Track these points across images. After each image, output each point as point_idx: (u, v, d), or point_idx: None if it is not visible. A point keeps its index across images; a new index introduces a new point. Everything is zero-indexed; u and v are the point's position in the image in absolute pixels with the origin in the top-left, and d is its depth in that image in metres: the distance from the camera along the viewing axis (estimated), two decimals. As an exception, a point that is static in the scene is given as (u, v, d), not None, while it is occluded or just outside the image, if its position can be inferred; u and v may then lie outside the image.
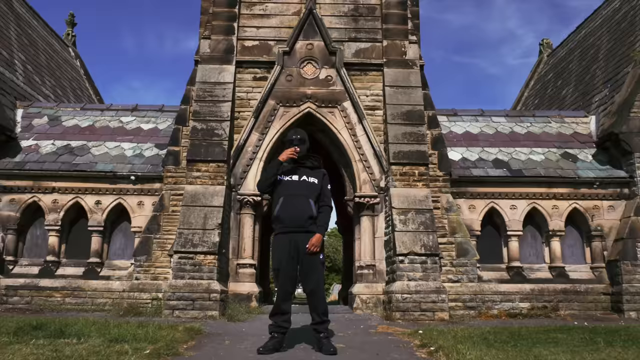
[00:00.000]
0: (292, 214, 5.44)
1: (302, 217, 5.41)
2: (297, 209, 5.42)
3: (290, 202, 5.46)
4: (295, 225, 5.40)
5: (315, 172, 5.66)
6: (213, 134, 10.02)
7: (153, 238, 10.16)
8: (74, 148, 11.63)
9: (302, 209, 5.42)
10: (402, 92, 10.31)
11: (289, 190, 5.53)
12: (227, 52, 10.73)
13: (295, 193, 5.48)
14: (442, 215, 9.89)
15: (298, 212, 5.42)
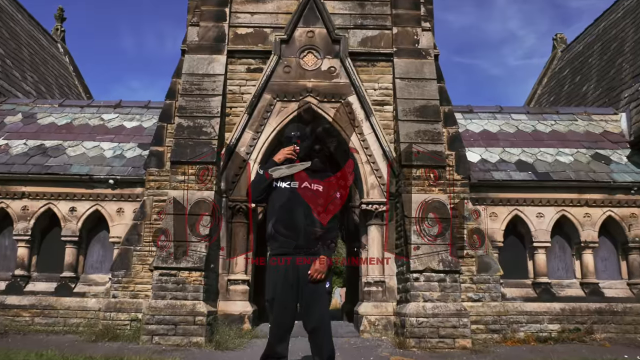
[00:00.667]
0: (291, 231, 4.29)
1: (303, 235, 4.26)
2: (297, 224, 4.29)
3: (289, 216, 4.34)
4: (295, 245, 4.25)
5: (321, 176, 4.55)
6: (201, 132, 8.83)
7: (133, 250, 8.96)
8: (48, 148, 10.45)
9: (304, 225, 4.28)
10: (415, 85, 9.12)
11: (286, 200, 4.41)
12: (217, 40, 9.55)
13: (295, 204, 4.37)
14: (460, 224, 8.70)
15: (298, 229, 4.27)
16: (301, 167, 4.56)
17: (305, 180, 4.47)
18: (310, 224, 4.31)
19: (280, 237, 4.34)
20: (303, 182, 4.46)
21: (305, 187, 4.43)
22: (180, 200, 8.46)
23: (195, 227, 8.19)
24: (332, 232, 4.43)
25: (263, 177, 4.52)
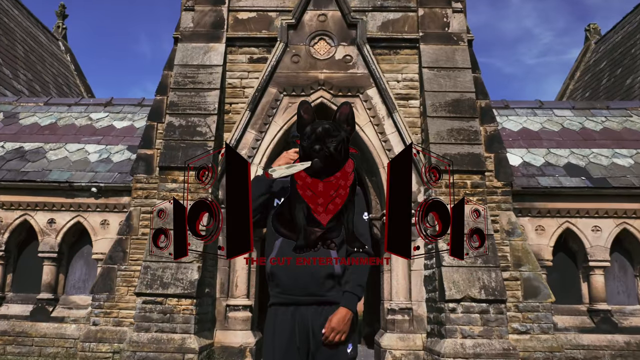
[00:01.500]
0: (298, 271, 2.97)
1: (314, 277, 2.94)
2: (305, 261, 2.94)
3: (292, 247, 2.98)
4: (304, 291, 2.94)
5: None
6: (195, 133, 7.53)
7: (117, 270, 7.69)
8: (27, 152, 9.21)
9: (316, 262, 2.93)
10: (446, 75, 7.73)
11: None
12: (215, 26, 8.24)
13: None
14: (502, 240, 7.30)
15: (308, 268, 2.94)
16: (301, 167, 3.29)
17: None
18: (325, 260, 2.99)
19: (283, 279, 3.02)
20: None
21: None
22: (169, 212, 7.15)
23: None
24: (360, 270, 3.11)
25: (263, 177, 3.20)
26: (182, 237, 3.24)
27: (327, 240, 2.81)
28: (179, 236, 3.23)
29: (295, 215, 2.82)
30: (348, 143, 2.61)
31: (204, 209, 3.35)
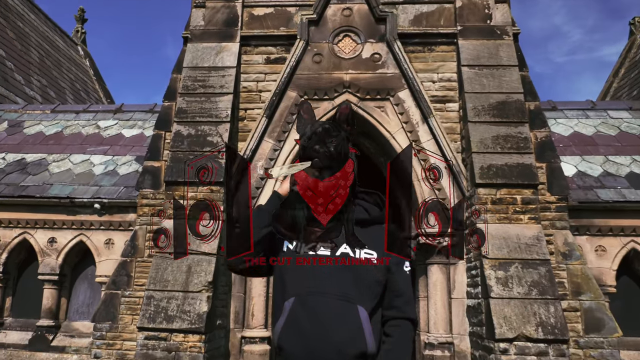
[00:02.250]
0: (315, 347, 2.20)
1: (341, 356, 2.19)
2: (328, 332, 2.22)
3: (311, 314, 2.26)
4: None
5: (373, 230, 2.49)
6: (205, 143, 6.70)
7: (120, 296, 6.90)
8: (29, 164, 8.50)
9: (340, 334, 2.22)
10: (489, 74, 6.77)
11: (305, 281, 2.34)
12: (228, 24, 7.41)
13: (322, 289, 2.30)
14: (557, 264, 6.31)
15: (330, 343, 2.20)
16: (301, 167, 2.55)
17: (345, 240, 2.43)
18: (353, 332, 2.22)
19: (297, 355, 2.23)
20: (340, 245, 2.40)
21: (345, 256, 2.37)
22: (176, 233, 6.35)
23: (193, 272, 6.05)
24: (401, 344, 2.32)
25: (266, 207, 2.43)
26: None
27: (327, 240, 2.39)
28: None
29: (295, 215, 2.48)
30: (348, 143, 2.43)
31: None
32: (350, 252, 2.36)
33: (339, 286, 2.29)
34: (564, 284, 6.25)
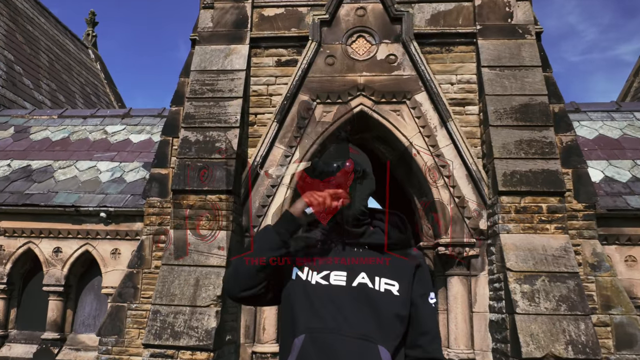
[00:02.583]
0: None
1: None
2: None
3: (325, 355, 1.96)
4: None
5: (396, 261, 2.20)
6: (213, 149, 6.42)
7: (127, 309, 6.64)
8: (34, 171, 8.28)
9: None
10: (511, 75, 6.43)
11: (318, 315, 2.04)
12: (237, 25, 7.13)
13: (337, 326, 2.00)
14: (586, 276, 5.95)
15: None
16: (301, 166, 2.44)
17: (364, 269, 2.15)
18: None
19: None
20: (358, 274, 2.12)
21: (363, 287, 2.09)
22: (183, 244, 6.08)
23: (202, 285, 5.78)
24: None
25: (271, 232, 2.15)
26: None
27: (327, 241, 2.21)
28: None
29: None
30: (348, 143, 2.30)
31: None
32: (369, 283, 2.07)
33: (357, 322, 2.00)
34: (593, 297, 5.90)
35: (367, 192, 2.26)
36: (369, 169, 2.30)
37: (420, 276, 2.20)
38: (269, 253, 2.06)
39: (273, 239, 2.08)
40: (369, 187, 2.28)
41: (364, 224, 2.23)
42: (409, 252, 2.24)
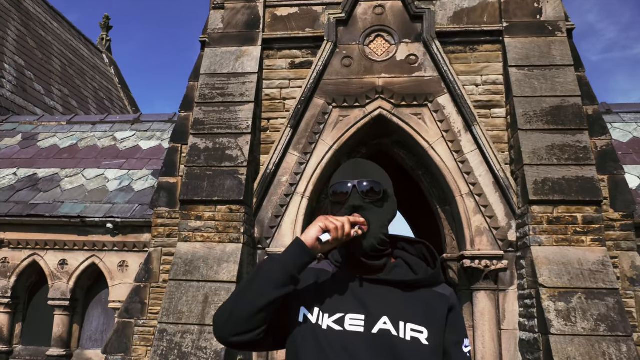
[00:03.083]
0: None
1: None
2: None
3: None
4: None
5: (421, 297, 1.81)
6: (223, 157, 6.07)
7: (134, 325, 6.31)
8: (40, 180, 8.00)
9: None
10: (541, 75, 6.00)
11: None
12: (249, 26, 6.79)
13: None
14: (624, 292, 5.50)
15: None
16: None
17: (386, 310, 1.78)
18: None
19: None
20: (380, 316, 1.76)
21: (385, 334, 1.74)
22: (192, 258, 5.73)
23: (211, 303, 5.42)
24: None
25: (279, 260, 1.80)
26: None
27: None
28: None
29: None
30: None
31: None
32: (392, 329, 1.70)
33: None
34: (632, 314, 5.45)
35: (387, 217, 1.88)
36: (391, 189, 1.92)
37: (454, 320, 1.83)
38: (273, 292, 1.69)
39: (279, 274, 1.70)
40: (390, 211, 1.90)
41: (384, 256, 1.85)
42: (440, 290, 1.86)
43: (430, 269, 1.87)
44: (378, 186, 1.85)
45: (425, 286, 1.82)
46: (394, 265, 1.86)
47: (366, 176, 1.86)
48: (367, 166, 1.93)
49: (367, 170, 1.90)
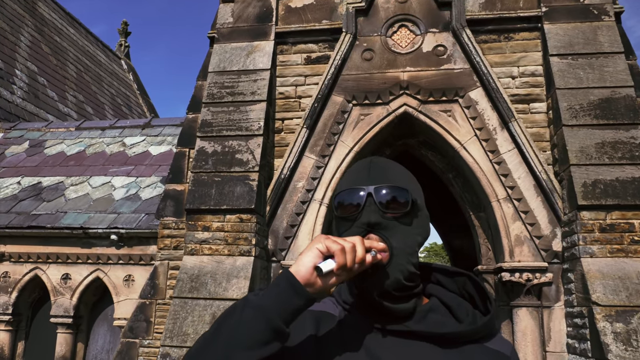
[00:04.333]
0: None
1: None
2: None
3: None
4: None
5: (466, 355, 1.16)
6: (233, 162, 5.52)
7: (139, 345, 5.78)
8: (44, 189, 7.55)
9: None
10: (586, 64, 5.33)
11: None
12: (261, 19, 6.24)
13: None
14: (690, 309, 4.80)
15: None
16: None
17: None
18: None
19: None
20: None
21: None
22: (198, 273, 5.18)
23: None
24: None
25: (257, 312, 1.13)
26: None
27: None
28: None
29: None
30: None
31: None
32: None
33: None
34: (701, 335, 4.73)
35: (417, 240, 1.26)
36: (421, 199, 1.30)
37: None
38: (252, 354, 1.08)
39: (256, 327, 1.09)
40: (421, 231, 1.28)
41: (413, 295, 1.26)
42: (494, 346, 1.26)
43: (478, 313, 1.27)
44: (404, 195, 1.25)
45: (474, 340, 1.22)
46: (427, 308, 1.26)
47: (387, 180, 1.26)
48: (388, 167, 1.32)
49: (387, 173, 1.29)
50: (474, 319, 1.24)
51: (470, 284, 1.32)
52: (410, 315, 1.23)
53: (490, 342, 1.24)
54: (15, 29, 13.05)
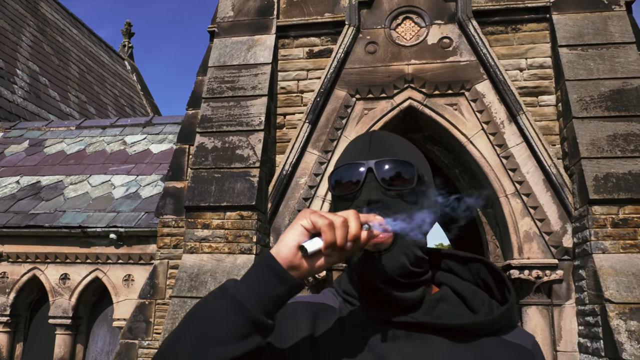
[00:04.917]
0: None
1: None
2: None
3: None
4: None
5: (481, 349, 0.99)
6: (234, 157, 5.38)
7: (138, 347, 5.64)
8: (43, 188, 7.43)
9: None
10: (597, 55, 5.17)
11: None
12: (262, 12, 6.11)
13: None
14: None
15: None
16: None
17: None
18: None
19: None
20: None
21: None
22: (198, 272, 5.04)
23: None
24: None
25: (232, 299, 0.96)
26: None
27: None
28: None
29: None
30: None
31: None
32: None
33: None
34: None
35: (426, 220, 1.07)
36: (429, 175, 1.16)
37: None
38: (227, 350, 0.92)
39: (231, 319, 0.92)
40: (429, 211, 1.09)
41: (421, 283, 1.10)
42: (514, 339, 1.11)
43: (495, 303, 1.12)
44: (409, 170, 1.09)
45: (491, 333, 1.07)
46: (436, 298, 1.11)
47: (390, 154, 1.11)
48: (391, 139, 1.17)
49: (390, 146, 1.14)
50: (491, 309, 1.10)
51: (485, 270, 1.17)
52: (417, 305, 1.08)
53: (509, 334, 1.10)
54: (17, 29, 12.97)
